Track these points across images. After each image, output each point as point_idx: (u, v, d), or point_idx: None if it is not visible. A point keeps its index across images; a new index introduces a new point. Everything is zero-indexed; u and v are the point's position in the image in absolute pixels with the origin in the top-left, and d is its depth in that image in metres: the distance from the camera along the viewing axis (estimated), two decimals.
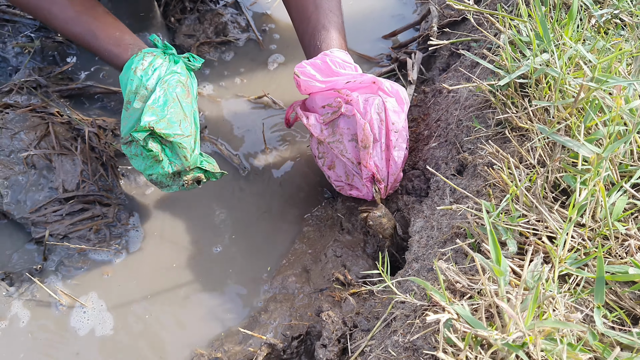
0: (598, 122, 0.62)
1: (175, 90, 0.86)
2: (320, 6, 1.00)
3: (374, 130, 0.86)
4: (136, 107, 0.85)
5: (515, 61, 0.79)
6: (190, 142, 0.87)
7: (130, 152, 0.87)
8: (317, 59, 0.91)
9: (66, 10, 0.92)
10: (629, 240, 0.61)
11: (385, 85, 0.89)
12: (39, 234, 1.02)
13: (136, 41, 0.93)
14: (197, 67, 0.93)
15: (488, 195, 0.71)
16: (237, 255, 1.02)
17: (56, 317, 0.94)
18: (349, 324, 0.77)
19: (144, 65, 0.87)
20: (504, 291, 0.55)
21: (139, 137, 0.83)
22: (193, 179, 0.91)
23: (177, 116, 0.86)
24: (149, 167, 0.88)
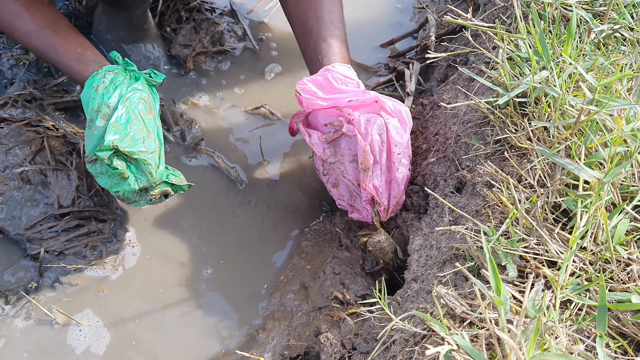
0: (598, 145, 0.61)
1: (137, 108, 0.87)
2: (321, 19, 0.99)
3: (375, 152, 0.85)
4: (99, 126, 0.85)
5: (513, 78, 0.78)
6: (155, 158, 0.88)
7: (96, 170, 0.87)
8: (319, 75, 0.90)
9: (28, 23, 0.92)
10: (632, 265, 0.60)
11: (387, 105, 0.88)
12: (34, 250, 1.01)
13: (98, 57, 0.93)
14: (158, 82, 0.93)
15: (487, 216, 0.71)
16: (235, 271, 1.01)
17: (52, 335, 0.93)
18: (348, 347, 0.76)
19: (105, 83, 0.87)
20: (505, 321, 0.54)
21: (104, 156, 0.83)
22: (160, 194, 0.91)
23: (141, 133, 0.86)
24: (115, 185, 0.87)
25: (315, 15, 0.99)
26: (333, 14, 1.00)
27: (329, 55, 0.95)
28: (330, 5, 1.00)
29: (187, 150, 1.18)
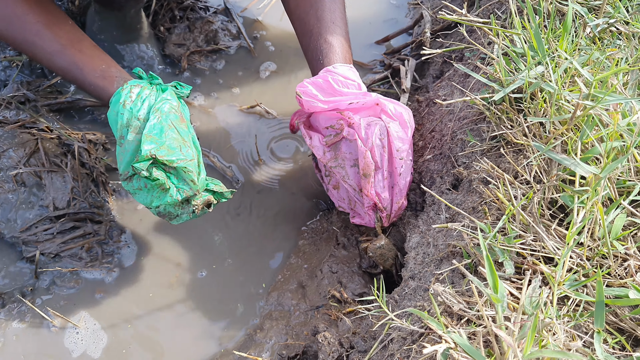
0: (594, 140, 0.60)
1: (169, 117, 0.84)
2: (322, 18, 0.97)
3: (376, 157, 0.84)
4: (130, 140, 0.82)
5: (509, 74, 0.77)
6: (195, 166, 0.85)
7: (133, 187, 0.84)
8: (319, 77, 0.89)
9: (51, 43, 0.91)
10: (629, 260, 0.60)
11: (388, 108, 0.86)
12: (30, 253, 1.00)
13: (122, 73, 0.91)
14: (185, 94, 0.91)
15: (484, 212, 0.70)
16: (232, 270, 1.01)
17: (49, 338, 0.92)
18: (346, 345, 0.75)
19: (132, 98, 0.85)
20: (502, 318, 0.53)
21: (142, 167, 0.79)
22: (203, 203, 0.88)
23: (176, 142, 0.83)
24: (156, 199, 0.84)
25: (316, 15, 0.98)
26: (334, 12, 0.98)
27: (329, 56, 0.94)
28: (332, 4, 0.99)
29: None
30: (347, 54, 0.96)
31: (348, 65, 0.93)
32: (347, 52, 0.97)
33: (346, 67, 0.92)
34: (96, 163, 1.11)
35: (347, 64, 0.93)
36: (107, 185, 1.10)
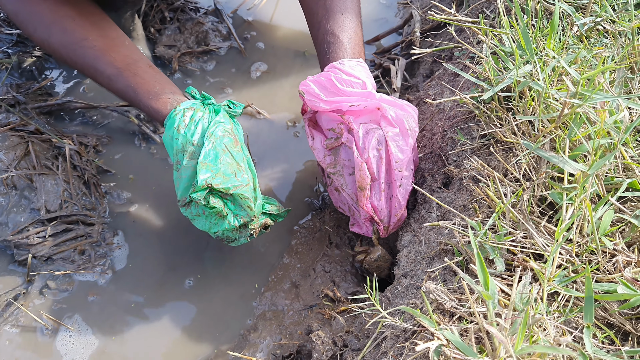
0: (582, 137, 0.61)
1: (223, 141, 0.84)
2: (331, 9, 0.94)
3: (372, 169, 0.82)
4: (186, 166, 0.83)
5: (498, 73, 0.78)
6: (251, 191, 0.84)
7: (191, 213, 0.85)
8: (322, 75, 0.87)
9: (108, 68, 0.92)
10: (617, 256, 0.60)
11: (389, 113, 0.84)
12: (22, 256, 1.00)
13: (175, 95, 0.91)
14: (238, 113, 0.90)
15: (475, 210, 0.71)
16: (225, 271, 1.01)
17: (42, 341, 0.92)
18: (339, 344, 0.76)
19: (185, 122, 0.85)
20: (493, 315, 0.54)
21: (199, 197, 0.80)
22: (260, 227, 0.88)
23: (231, 167, 0.83)
24: (214, 225, 0.85)
25: (325, 5, 0.95)
26: (345, 2, 0.95)
27: (336, 51, 0.91)
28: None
29: None
30: (357, 47, 0.93)
31: (356, 61, 0.90)
32: (357, 45, 0.93)
33: (354, 63, 0.89)
34: (88, 165, 1.11)
35: (356, 59, 0.90)
36: (99, 188, 1.10)
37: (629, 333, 0.58)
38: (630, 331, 0.58)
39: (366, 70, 0.89)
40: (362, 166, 0.82)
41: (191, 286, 0.99)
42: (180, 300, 0.97)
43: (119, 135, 1.20)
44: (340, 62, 0.88)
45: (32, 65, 1.28)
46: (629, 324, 0.58)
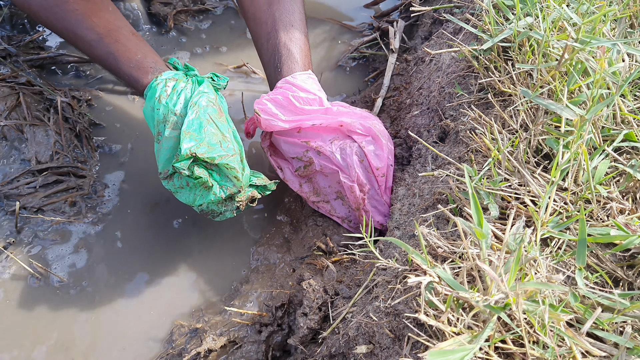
0: (582, 84, 0.61)
1: (207, 111, 0.80)
2: (280, 20, 0.91)
3: (363, 183, 0.82)
4: (168, 136, 0.79)
5: (498, 25, 0.77)
6: (237, 161, 0.81)
7: (174, 185, 0.82)
8: (278, 94, 0.85)
9: (89, 33, 0.88)
10: (611, 203, 0.60)
11: (356, 127, 0.82)
12: (11, 207, 0.99)
13: (158, 64, 0.88)
14: (222, 86, 0.88)
15: (470, 161, 0.71)
16: (217, 228, 1.00)
17: (32, 290, 0.92)
18: (330, 292, 0.76)
19: (167, 92, 0.82)
20: (486, 254, 0.54)
21: (183, 166, 0.76)
22: (247, 199, 0.85)
23: (216, 137, 0.79)
24: (199, 197, 0.81)
25: (274, 16, 0.92)
26: (293, 13, 0.93)
27: (288, 64, 0.89)
28: (291, 4, 0.93)
29: None
30: (307, 59, 0.91)
31: (307, 73, 0.88)
32: (307, 57, 0.92)
33: (305, 76, 0.87)
34: (80, 118, 1.09)
35: (306, 72, 0.89)
36: (91, 140, 1.08)
37: (619, 279, 0.59)
38: (622, 277, 0.58)
39: (316, 83, 0.88)
40: (354, 188, 0.81)
41: (182, 240, 0.98)
42: (171, 252, 0.97)
43: (111, 89, 1.18)
44: (293, 77, 0.86)
45: (24, 18, 1.26)
46: (621, 271, 0.59)
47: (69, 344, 0.86)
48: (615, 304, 0.52)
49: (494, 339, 0.50)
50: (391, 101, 1.04)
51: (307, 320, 0.75)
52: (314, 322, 0.74)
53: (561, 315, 0.49)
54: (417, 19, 1.21)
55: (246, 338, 0.81)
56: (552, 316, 0.49)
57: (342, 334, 0.67)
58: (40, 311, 0.89)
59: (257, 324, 0.82)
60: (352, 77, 1.21)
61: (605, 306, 0.53)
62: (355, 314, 0.67)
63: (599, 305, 0.53)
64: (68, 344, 0.86)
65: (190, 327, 0.84)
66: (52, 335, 0.87)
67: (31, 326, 0.88)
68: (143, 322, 0.89)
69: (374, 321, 0.61)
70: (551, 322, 0.49)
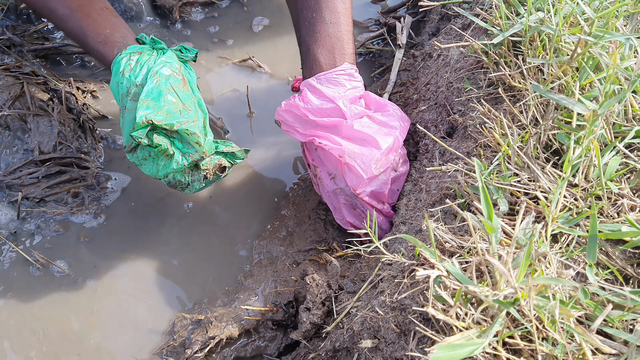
0: (595, 79, 0.60)
1: (168, 81, 0.79)
2: (301, 11, 0.86)
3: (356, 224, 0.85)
4: (130, 109, 0.78)
5: (509, 20, 0.76)
6: (199, 127, 0.79)
7: (138, 158, 0.80)
8: (292, 106, 0.83)
9: (60, 7, 0.87)
10: (622, 200, 0.60)
11: (354, 166, 0.80)
12: (13, 197, 0.98)
13: (126, 39, 0.87)
14: (191, 58, 0.86)
15: (479, 155, 0.70)
16: (220, 222, 1.00)
17: (34, 280, 0.91)
18: (334, 287, 0.75)
19: (131, 65, 0.81)
20: (495, 248, 0.53)
21: (140, 135, 0.75)
22: (214, 168, 0.83)
23: (176, 107, 0.78)
24: (162, 168, 0.79)
25: (296, 7, 0.89)
26: (318, 2, 0.86)
27: (307, 64, 0.86)
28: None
29: None
30: (335, 53, 0.85)
31: (333, 72, 0.83)
32: (335, 52, 0.85)
33: (331, 75, 0.83)
34: (83, 109, 1.09)
35: (331, 71, 0.83)
36: (95, 131, 1.08)
37: (629, 277, 0.58)
38: (632, 275, 0.57)
39: (344, 82, 0.84)
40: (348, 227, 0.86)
41: (184, 233, 0.98)
42: (173, 245, 0.96)
43: None
44: (314, 79, 0.84)
45: (28, 8, 1.25)
46: (631, 268, 0.58)
47: (69, 335, 0.86)
48: (626, 301, 0.52)
49: (503, 334, 0.49)
50: (398, 97, 1.03)
51: (310, 315, 0.74)
52: (317, 317, 0.73)
53: (571, 311, 0.48)
54: (425, 15, 1.20)
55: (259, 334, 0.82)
56: (563, 312, 0.48)
57: (347, 329, 0.66)
58: (41, 302, 0.89)
59: (269, 320, 0.81)
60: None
61: (615, 303, 0.53)
62: (360, 309, 0.67)
63: (609, 303, 0.53)
64: (69, 335, 0.86)
65: (192, 318, 0.83)
66: (53, 326, 0.86)
67: (32, 316, 0.87)
68: (144, 314, 0.88)
69: (379, 315, 0.61)
70: (561, 318, 0.49)
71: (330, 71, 0.84)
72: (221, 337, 0.78)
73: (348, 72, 0.84)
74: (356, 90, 0.85)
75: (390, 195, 0.83)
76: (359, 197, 0.80)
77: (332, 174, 0.85)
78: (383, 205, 0.82)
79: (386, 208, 0.83)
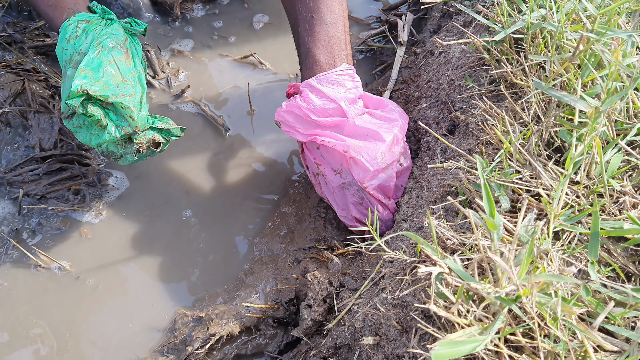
0: (597, 76, 0.60)
1: (111, 53, 0.80)
2: (299, 12, 0.87)
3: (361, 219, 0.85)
4: (70, 76, 0.78)
5: (511, 17, 0.76)
6: (134, 102, 0.79)
7: (73, 125, 0.80)
8: (294, 106, 0.83)
9: None
10: (623, 197, 0.59)
11: (360, 160, 0.80)
12: (14, 194, 0.98)
13: (76, 6, 0.86)
14: (139, 31, 0.87)
15: (480, 153, 0.70)
16: (220, 217, 1.00)
17: (35, 278, 0.91)
18: (335, 284, 0.75)
19: (77, 33, 0.81)
20: (497, 246, 0.53)
21: (74, 103, 0.75)
22: (147, 142, 0.83)
23: (115, 79, 0.78)
24: (94, 137, 0.80)
25: (294, 7, 0.88)
26: (316, 2, 0.86)
27: (307, 64, 0.86)
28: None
29: (173, 97, 1.15)
30: (334, 53, 0.85)
31: (333, 72, 0.83)
32: (334, 52, 0.85)
33: (331, 75, 0.83)
34: None
35: (331, 71, 0.83)
36: None
37: (631, 275, 0.58)
38: (634, 272, 0.57)
39: (345, 82, 0.84)
40: (354, 224, 0.86)
41: (185, 230, 0.98)
42: (175, 242, 0.96)
43: None
44: (314, 79, 0.83)
45: (29, 4, 1.25)
46: (632, 266, 0.58)
47: (70, 333, 0.86)
48: (628, 298, 0.52)
49: (505, 331, 0.49)
50: (399, 94, 1.03)
51: (311, 312, 0.74)
52: (318, 314, 0.73)
53: (573, 308, 0.48)
54: (426, 12, 1.20)
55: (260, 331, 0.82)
56: (565, 309, 0.48)
57: (348, 326, 0.66)
58: (42, 299, 0.89)
59: (270, 318, 0.81)
60: (359, 70, 1.20)
61: (617, 301, 0.53)
62: (361, 306, 0.67)
63: (610, 300, 0.53)
64: (70, 333, 0.86)
65: (193, 316, 0.83)
66: (54, 324, 0.86)
67: (33, 314, 0.87)
68: (145, 312, 0.88)
69: (380, 312, 0.61)
70: (562, 315, 0.49)
71: (330, 71, 0.84)
72: (222, 334, 0.79)
73: (347, 73, 0.84)
74: (355, 91, 0.85)
75: (396, 190, 0.83)
76: (366, 190, 0.80)
77: (337, 169, 0.84)
78: (389, 200, 0.82)
79: (391, 204, 0.83)
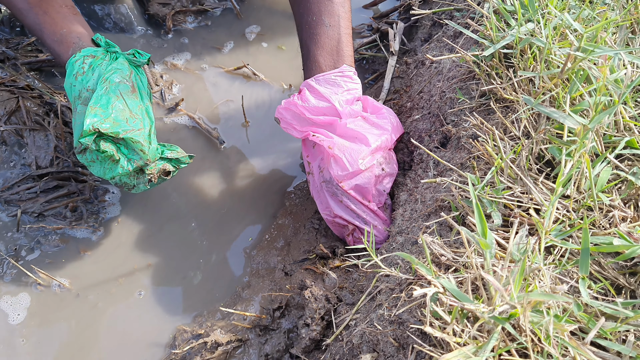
0: (584, 92, 0.61)
1: (118, 88, 0.82)
2: (302, 15, 0.89)
3: (344, 217, 0.86)
4: (80, 112, 0.81)
5: (500, 31, 0.77)
6: (144, 135, 0.82)
7: (87, 159, 0.83)
8: (291, 104, 0.87)
9: (20, 1, 0.87)
10: (613, 212, 0.61)
11: (341, 160, 0.83)
12: (12, 212, 0.99)
13: (82, 40, 0.87)
14: (143, 62, 0.89)
15: (472, 167, 0.71)
16: (217, 231, 1.00)
17: (34, 296, 0.92)
18: (332, 301, 0.76)
19: (84, 69, 0.83)
20: (490, 264, 0.54)
21: (87, 142, 0.78)
22: (158, 172, 0.86)
23: (123, 114, 0.81)
24: (108, 170, 0.83)
25: (299, 8, 0.91)
26: (318, 4, 0.89)
27: (307, 65, 0.89)
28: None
29: (167, 111, 1.16)
30: (334, 55, 0.88)
31: (331, 73, 0.86)
32: (335, 53, 0.88)
33: (329, 76, 0.86)
34: None
35: (330, 72, 0.86)
36: None
37: (622, 287, 0.59)
38: (624, 285, 0.58)
39: (341, 83, 0.86)
40: (334, 223, 0.87)
41: (183, 244, 0.98)
42: (173, 258, 0.97)
43: None
44: (313, 80, 0.87)
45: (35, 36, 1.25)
46: (623, 279, 0.59)
47: (70, 350, 0.86)
48: (618, 312, 0.53)
49: (499, 349, 0.50)
50: (392, 104, 1.04)
51: (309, 331, 0.75)
52: (316, 333, 0.74)
53: (565, 326, 0.50)
54: (417, 20, 1.21)
55: (248, 342, 0.82)
56: (557, 327, 0.50)
57: (346, 342, 0.67)
58: (41, 317, 0.89)
59: (257, 327, 0.82)
60: None
61: (608, 315, 0.54)
62: (358, 321, 0.68)
63: (602, 314, 0.54)
64: (69, 350, 0.86)
65: (193, 332, 0.84)
66: (53, 342, 0.87)
67: (32, 332, 0.88)
68: (145, 328, 0.89)
69: (378, 330, 0.62)
70: (555, 332, 0.50)
71: (328, 72, 0.87)
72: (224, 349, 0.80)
73: (346, 74, 0.87)
74: (354, 92, 0.88)
75: (377, 195, 0.85)
76: (343, 189, 0.83)
77: (322, 167, 0.87)
78: (369, 203, 0.84)
79: (372, 206, 0.84)
